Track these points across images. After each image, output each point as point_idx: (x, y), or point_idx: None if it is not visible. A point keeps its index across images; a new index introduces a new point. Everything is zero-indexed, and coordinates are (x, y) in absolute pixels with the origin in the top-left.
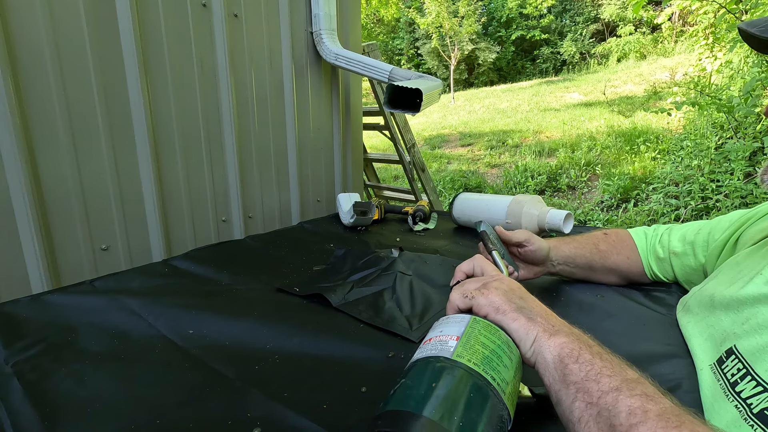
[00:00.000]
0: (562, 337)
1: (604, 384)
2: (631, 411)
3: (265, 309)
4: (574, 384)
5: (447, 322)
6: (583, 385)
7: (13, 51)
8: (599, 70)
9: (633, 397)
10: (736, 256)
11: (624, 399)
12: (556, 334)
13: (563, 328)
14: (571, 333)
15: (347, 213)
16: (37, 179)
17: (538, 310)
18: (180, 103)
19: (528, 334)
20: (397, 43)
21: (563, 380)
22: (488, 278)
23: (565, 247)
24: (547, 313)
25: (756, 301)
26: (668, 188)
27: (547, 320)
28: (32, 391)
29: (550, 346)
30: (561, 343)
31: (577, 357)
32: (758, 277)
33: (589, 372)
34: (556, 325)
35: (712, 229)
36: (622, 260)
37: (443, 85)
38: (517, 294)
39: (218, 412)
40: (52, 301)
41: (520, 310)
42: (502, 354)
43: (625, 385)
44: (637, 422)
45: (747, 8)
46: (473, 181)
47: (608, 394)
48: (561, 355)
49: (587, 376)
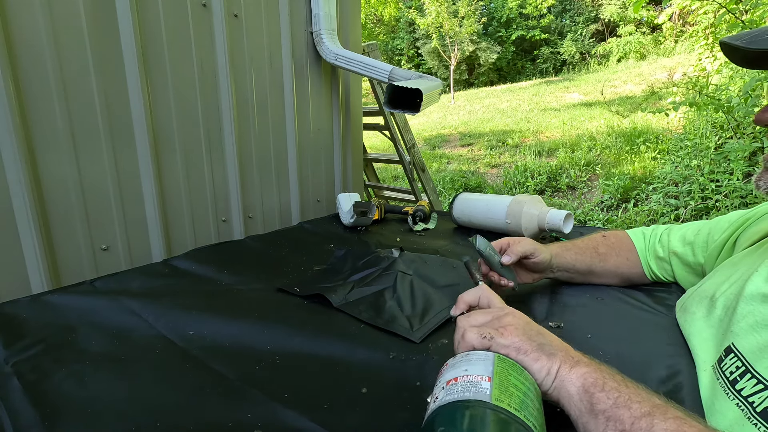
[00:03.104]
0: (583, 368)
1: (636, 410)
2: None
3: (266, 309)
4: (603, 413)
5: (469, 360)
6: (613, 413)
7: (13, 51)
8: (599, 70)
9: (667, 421)
10: (734, 257)
11: (659, 423)
12: (577, 365)
13: (583, 359)
14: (591, 362)
15: (347, 213)
16: (37, 179)
17: (557, 344)
18: (180, 103)
19: (550, 371)
20: (397, 43)
21: (591, 410)
22: (498, 311)
23: (567, 255)
24: (566, 346)
25: (753, 299)
26: (668, 188)
27: (566, 353)
28: (32, 391)
29: (572, 378)
30: (583, 373)
31: (602, 385)
32: (755, 275)
33: (617, 399)
34: (576, 356)
35: (711, 229)
36: (622, 262)
37: (443, 85)
38: (535, 329)
39: (219, 413)
40: (52, 301)
41: (540, 348)
42: (533, 396)
43: (657, 410)
44: None
45: (747, 8)
46: (473, 181)
47: (641, 419)
48: (585, 385)
49: (616, 403)
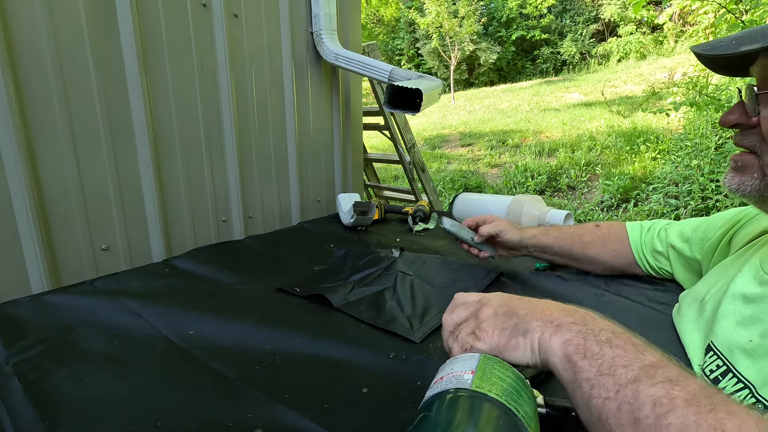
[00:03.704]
0: (564, 334)
1: (620, 376)
2: (656, 401)
3: (266, 309)
4: (587, 381)
5: (455, 361)
6: (597, 381)
7: (13, 51)
8: (599, 70)
9: (656, 385)
10: (726, 260)
11: (645, 389)
12: (557, 331)
13: (565, 321)
14: (573, 324)
15: (347, 213)
16: (37, 179)
17: (532, 313)
18: (180, 103)
19: (532, 349)
20: (397, 43)
21: (575, 380)
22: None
23: (544, 238)
24: (544, 311)
25: (735, 299)
26: (668, 188)
27: (544, 319)
28: (32, 391)
29: (554, 347)
30: (564, 340)
31: (584, 352)
32: (738, 276)
33: (601, 366)
34: (556, 319)
35: (708, 226)
36: (606, 252)
37: (443, 85)
38: (507, 312)
39: (219, 413)
40: (52, 301)
41: (515, 332)
42: (520, 389)
43: (644, 373)
44: (665, 412)
45: (747, 8)
46: (473, 181)
47: (627, 386)
48: (567, 353)
49: (600, 370)
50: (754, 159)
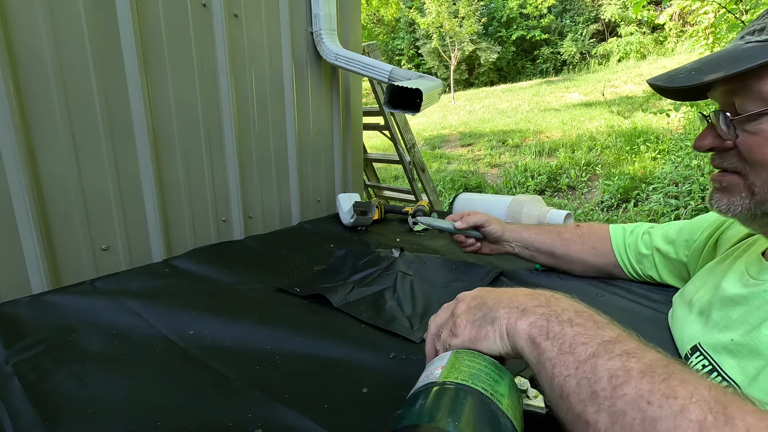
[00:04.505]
0: (529, 317)
1: (580, 353)
2: (612, 374)
3: (266, 309)
4: (549, 361)
5: (430, 363)
6: (558, 360)
7: (13, 51)
8: (599, 70)
9: (612, 359)
10: (710, 263)
11: (603, 363)
12: (522, 315)
13: (529, 305)
14: (538, 307)
15: (347, 213)
16: (37, 179)
17: (500, 301)
18: (180, 103)
19: (501, 336)
20: (397, 43)
21: (540, 362)
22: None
23: (525, 233)
24: (512, 298)
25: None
26: (668, 188)
27: (511, 306)
28: (33, 391)
29: (519, 331)
30: (529, 323)
31: (547, 333)
32: (725, 280)
33: (562, 345)
34: (522, 304)
35: (693, 228)
36: (587, 250)
37: (443, 85)
38: (479, 302)
39: (219, 413)
40: (52, 301)
41: (483, 322)
42: (491, 372)
43: (602, 348)
44: (621, 383)
45: (747, 8)
46: (473, 181)
47: (585, 362)
48: (531, 336)
49: (561, 349)
50: (738, 179)
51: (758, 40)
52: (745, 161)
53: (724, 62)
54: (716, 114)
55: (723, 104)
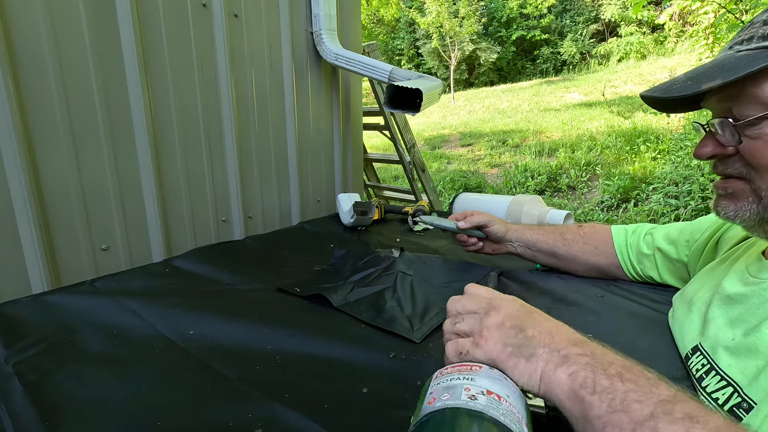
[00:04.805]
0: (571, 366)
1: (635, 413)
2: None
3: (266, 309)
4: (599, 419)
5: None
6: (609, 419)
7: (13, 51)
8: (599, 70)
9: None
10: (712, 264)
11: (664, 426)
12: (563, 363)
13: (573, 352)
14: (582, 356)
15: (347, 213)
16: (37, 179)
17: (539, 338)
18: (180, 103)
19: (531, 376)
20: (397, 43)
21: (584, 416)
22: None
23: (527, 233)
24: (555, 336)
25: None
26: (668, 188)
27: (551, 347)
28: (33, 391)
29: (559, 380)
30: (571, 373)
31: (593, 386)
32: (725, 280)
33: (612, 402)
34: (563, 349)
35: (694, 229)
36: (589, 250)
37: (443, 85)
38: (516, 325)
39: (219, 413)
40: (52, 301)
41: (518, 353)
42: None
43: (660, 409)
44: None
45: (747, 8)
46: (473, 181)
47: (643, 424)
48: (574, 388)
49: (611, 406)
50: (744, 184)
51: (749, 48)
52: (750, 166)
53: (719, 71)
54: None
55: (719, 112)
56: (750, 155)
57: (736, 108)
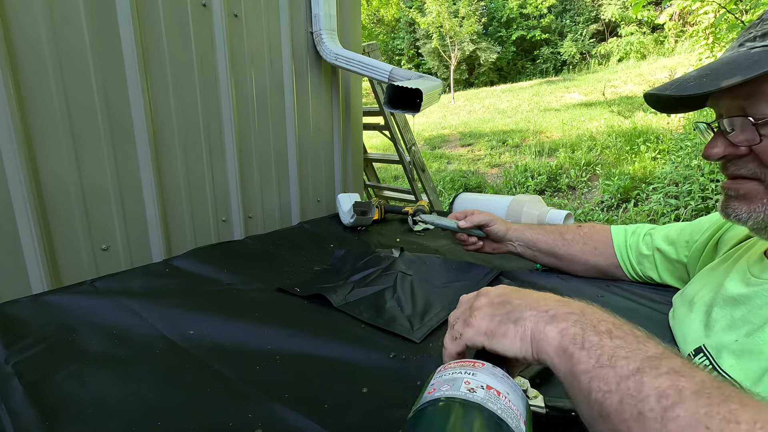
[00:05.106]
0: (560, 323)
1: (622, 367)
2: (662, 392)
3: (266, 309)
4: (586, 374)
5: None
6: (596, 374)
7: (13, 51)
8: (599, 70)
9: (660, 377)
10: (712, 263)
11: (649, 380)
12: (553, 320)
13: (561, 311)
14: (571, 314)
15: (347, 213)
16: (37, 179)
17: (527, 302)
18: (180, 103)
19: (523, 339)
20: (397, 43)
21: (572, 373)
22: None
23: (528, 232)
24: (540, 301)
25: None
26: (668, 188)
27: (539, 309)
28: (33, 391)
29: (549, 336)
30: (560, 330)
31: (582, 342)
32: (727, 280)
33: (600, 357)
34: (552, 309)
35: (693, 230)
36: (589, 250)
37: (443, 85)
38: (503, 300)
39: (219, 413)
40: (52, 301)
41: (506, 319)
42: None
43: (647, 364)
44: (672, 404)
45: (747, 8)
46: (473, 181)
47: (629, 378)
48: (562, 344)
49: (599, 362)
50: (757, 185)
51: (765, 45)
52: (765, 166)
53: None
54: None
55: (730, 111)
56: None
57: (751, 106)
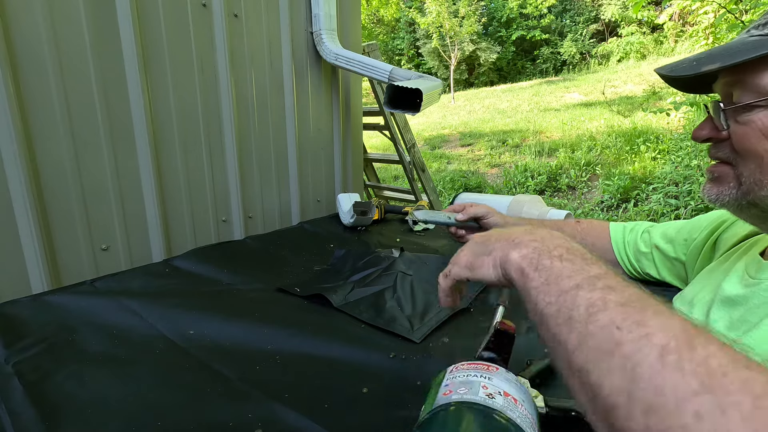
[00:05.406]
0: (522, 249)
1: (564, 284)
2: (591, 303)
3: (266, 309)
4: (535, 289)
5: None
6: (542, 289)
7: (13, 51)
8: (599, 70)
9: (594, 291)
10: (712, 264)
11: (583, 294)
12: (516, 247)
13: (525, 238)
14: (533, 240)
15: (347, 213)
16: (37, 179)
17: (499, 236)
18: (180, 103)
19: (494, 265)
20: (397, 43)
21: (525, 289)
22: None
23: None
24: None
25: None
26: (668, 188)
27: (507, 239)
28: (32, 391)
29: (511, 260)
30: (521, 255)
31: (536, 265)
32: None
33: (548, 277)
34: (518, 237)
35: (692, 228)
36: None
37: (443, 85)
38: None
39: (219, 413)
40: (52, 301)
41: (481, 252)
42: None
43: (586, 282)
44: (596, 311)
45: (747, 8)
46: (473, 181)
47: (567, 292)
48: (521, 266)
49: (547, 280)
50: (729, 169)
51: (761, 33)
52: (735, 152)
53: (724, 54)
54: (714, 105)
55: (723, 96)
56: (737, 141)
57: (737, 93)
